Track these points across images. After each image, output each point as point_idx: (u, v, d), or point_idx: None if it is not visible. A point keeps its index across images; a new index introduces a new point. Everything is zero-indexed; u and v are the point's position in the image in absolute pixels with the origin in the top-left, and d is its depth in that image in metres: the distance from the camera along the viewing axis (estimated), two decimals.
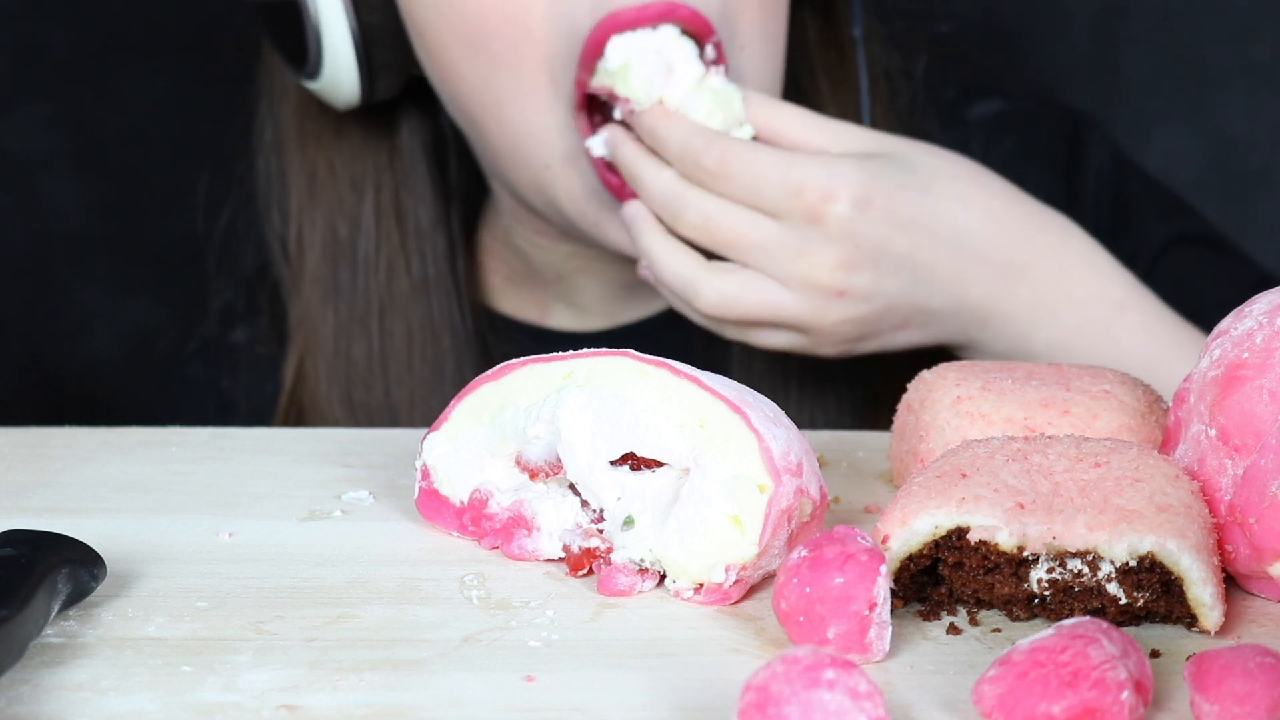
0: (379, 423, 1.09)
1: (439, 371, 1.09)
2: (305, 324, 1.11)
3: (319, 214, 1.10)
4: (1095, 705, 0.55)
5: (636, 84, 0.93)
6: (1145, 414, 0.75)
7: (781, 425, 0.68)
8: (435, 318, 1.10)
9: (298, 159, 1.10)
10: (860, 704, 0.54)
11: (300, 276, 1.11)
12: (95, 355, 1.50)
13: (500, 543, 0.71)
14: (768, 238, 0.91)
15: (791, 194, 0.90)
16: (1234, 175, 1.47)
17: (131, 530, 0.73)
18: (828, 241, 0.91)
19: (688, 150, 0.91)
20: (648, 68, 0.92)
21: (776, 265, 0.91)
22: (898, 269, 0.92)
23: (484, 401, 0.72)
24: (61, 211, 1.49)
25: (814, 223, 0.90)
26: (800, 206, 0.90)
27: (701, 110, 0.93)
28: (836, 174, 0.90)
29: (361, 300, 1.10)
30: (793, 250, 0.91)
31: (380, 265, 1.10)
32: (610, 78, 0.93)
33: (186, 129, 1.46)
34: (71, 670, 0.60)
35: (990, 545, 0.64)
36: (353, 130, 1.10)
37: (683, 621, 0.65)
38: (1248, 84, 1.45)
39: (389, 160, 1.10)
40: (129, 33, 1.47)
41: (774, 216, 0.91)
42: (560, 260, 1.10)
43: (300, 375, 1.11)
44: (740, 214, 0.91)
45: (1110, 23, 1.45)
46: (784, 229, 0.91)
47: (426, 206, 1.10)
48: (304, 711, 0.58)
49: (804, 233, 0.91)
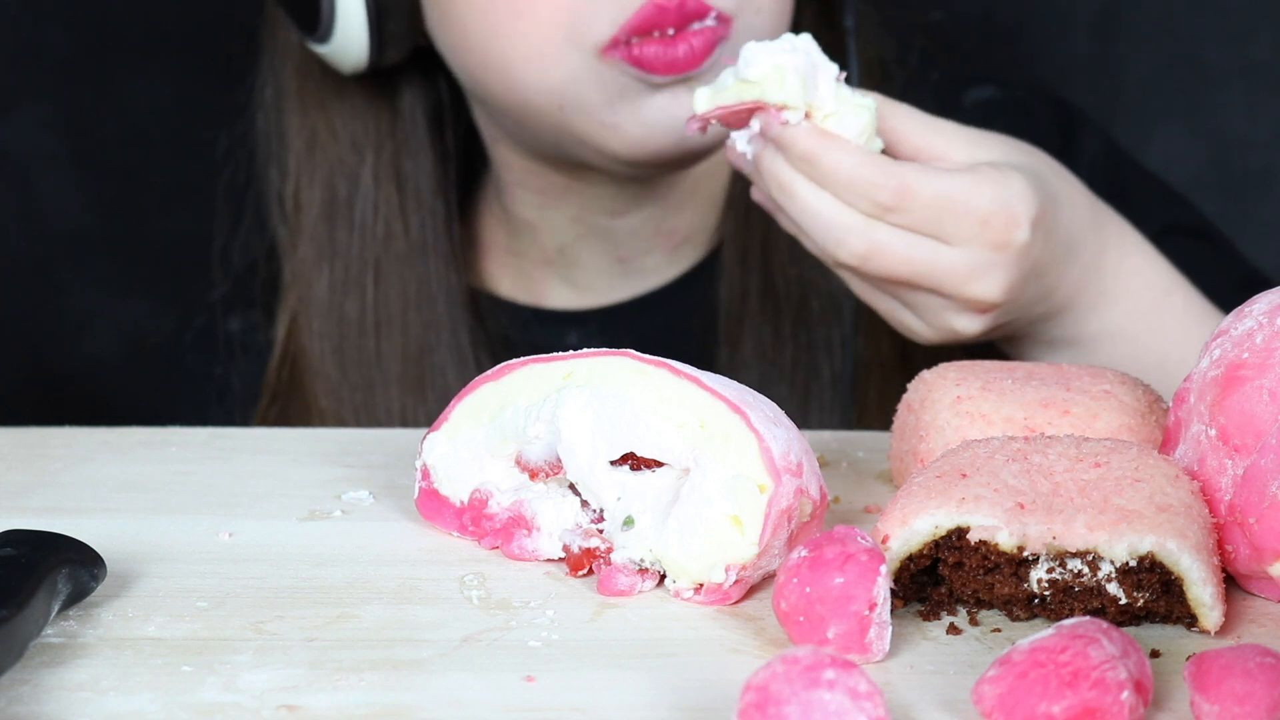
0: (369, 381, 1.09)
1: (432, 334, 1.10)
2: (299, 280, 1.11)
3: (318, 173, 1.10)
4: (1095, 705, 0.55)
5: (793, 89, 0.85)
6: (1145, 414, 0.75)
7: (781, 425, 0.68)
8: (431, 280, 1.10)
9: (298, 118, 1.11)
10: (860, 704, 0.54)
11: (297, 233, 1.11)
12: (95, 355, 1.50)
13: (500, 543, 0.71)
14: (940, 265, 0.87)
15: (979, 223, 0.86)
16: (1234, 175, 1.47)
17: (131, 530, 0.73)
18: (1003, 266, 0.88)
19: (857, 181, 0.85)
20: (802, 69, 0.86)
21: (945, 289, 0.88)
22: (1038, 282, 0.91)
23: (484, 401, 0.72)
24: (61, 211, 1.49)
25: (997, 249, 0.87)
26: (987, 235, 0.87)
27: (855, 126, 0.86)
28: (1015, 197, 0.87)
29: (357, 260, 1.10)
30: (965, 274, 0.88)
31: (378, 226, 1.10)
32: (754, 88, 0.86)
33: (186, 129, 1.46)
34: (71, 670, 0.60)
35: (990, 545, 0.64)
36: (355, 93, 1.10)
37: (683, 621, 0.65)
38: (1248, 84, 1.45)
39: (390, 125, 1.10)
40: (129, 33, 1.47)
41: (949, 243, 0.87)
42: (562, 227, 1.11)
43: (292, 331, 1.11)
44: (913, 242, 0.87)
45: (1110, 22, 1.45)
46: (959, 254, 0.87)
47: (426, 172, 1.11)
48: (304, 711, 0.58)
49: (982, 257, 0.87)
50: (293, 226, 1.11)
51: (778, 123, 0.86)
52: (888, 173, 0.86)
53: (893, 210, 0.86)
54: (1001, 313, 0.90)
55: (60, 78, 1.47)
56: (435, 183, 1.11)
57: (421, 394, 1.09)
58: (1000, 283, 0.88)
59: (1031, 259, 0.89)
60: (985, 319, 0.90)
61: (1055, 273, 0.92)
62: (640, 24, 0.95)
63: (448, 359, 1.10)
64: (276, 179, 1.12)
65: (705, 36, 0.95)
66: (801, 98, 0.85)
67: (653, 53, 0.95)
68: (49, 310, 1.51)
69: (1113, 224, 0.96)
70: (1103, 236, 0.94)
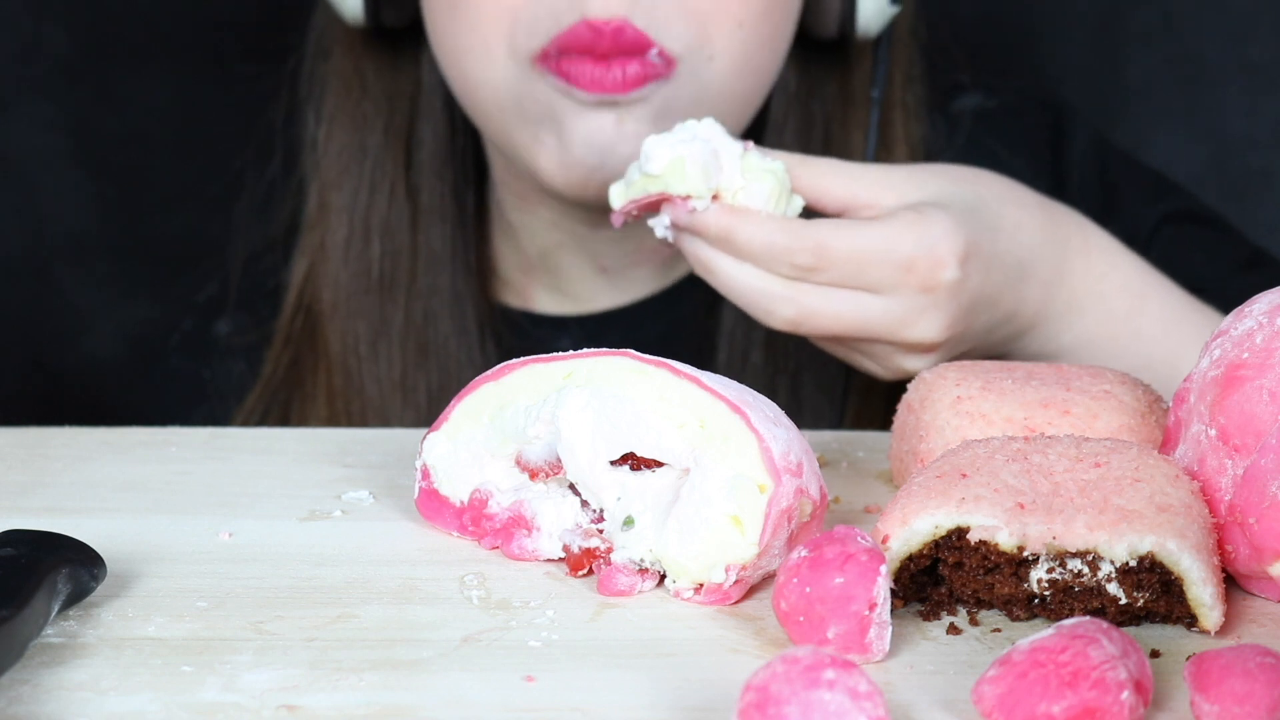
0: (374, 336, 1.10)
1: (437, 301, 1.10)
2: (320, 225, 1.12)
3: (340, 128, 1.11)
4: (1095, 705, 0.55)
5: (694, 179, 0.87)
6: (1145, 414, 0.75)
7: (781, 425, 0.68)
8: (436, 245, 1.10)
9: (332, 63, 1.12)
10: (860, 704, 0.54)
11: (321, 177, 1.12)
12: (95, 355, 1.50)
13: (500, 543, 0.71)
14: (872, 317, 0.88)
15: (902, 270, 0.86)
16: (1234, 175, 1.47)
17: (131, 530, 0.73)
18: (936, 307, 0.88)
19: (773, 249, 0.86)
20: (701, 158, 0.87)
21: (884, 337, 0.88)
22: (984, 311, 0.90)
23: (484, 401, 0.72)
24: (61, 211, 1.49)
25: (926, 291, 0.87)
26: (913, 280, 0.87)
27: (761, 195, 0.87)
28: (938, 237, 0.87)
29: (364, 215, 1.11)
30: (897, 321, 0.88)
31: (384, 184, 1.11)
32: (657, 181, 0.87)
33: (186, 129, 1.46)
34: (71, 670, 0.60)
35: (990, 545, 0.64)
36: (386, 52, 1.11)
37: (683, 621, 0.65)
38: (1248, 84, 1.45)
39: (414, 89, 1.11)
40: (129, 33, 1.47)
41: (877, 292, 0.87)
42: (542, 232, 1.11)
43: (309, 277, 1.12)
44: (842, 298, 0.87)
45: (1110, 22, 1.45)
46: (888, 303, 0.87)
47: (440, 136, 1.11)
48: (304, 711, 0.58)
49: (912, 302, 0.87)
50: (321, 172, 1.12)
51: (685, 211, 0.87)
52: (801, 236, 0.86)
53: (814, 270, 0.86)
54: (950, 346, 0.90)
55: (60, 78, 1.47)
56: (446, 152, 1.11)
57: (424, 360, 1.10)
58: (937, 323, 0.88)
59: (969, 293, 0.88)
60: (933, 356, 0.90)
61: (1010, 297, 0.91)
62: (571, 42, 0.94)
63: (450, 328, 1.10)
64: (312, 123, 1.13)
65: (643, 67, 0.95)
66: (704, 185, 0.87)
67: (580, 70, 0.95)
68: (49, 310, 1.51)
69: (1075, 233, 0.95)
70: (1063, 250, 0.94)
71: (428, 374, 1.09)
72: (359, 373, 1.10)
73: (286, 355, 1.13)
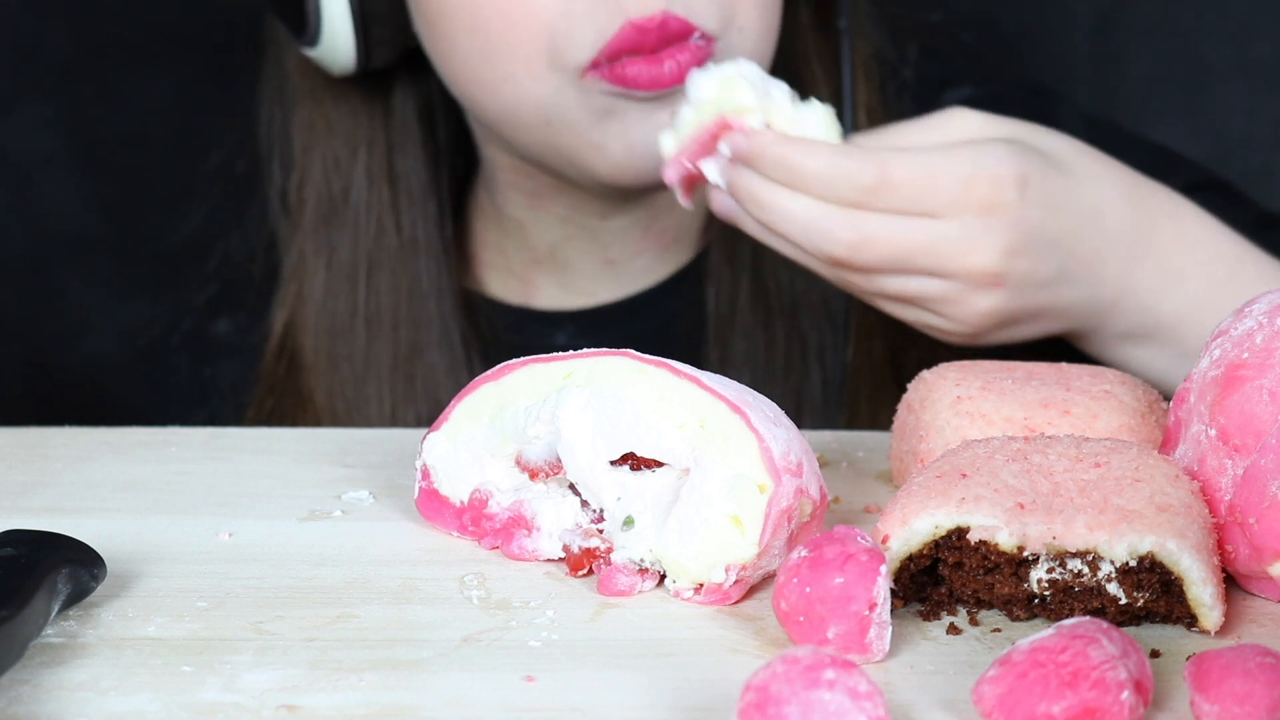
0: (360, 377, 1.10)
1: (424, 333, 1.10)
2: (296, 276, 1.11)
3: (314, 170, 1.11)
4: (1095, 705, 0.55)
5: (747, 96, 0.86)
6: (1145, 414, 0.75)
7: (781, 425, 0.68)
8: (423, 279, 1.10)
9: (297, 113, 1.11)
10: (860, 704, 0.54)
11: (295, 228, 1.12)
12: (95, 355, 1.50)
13: (500, 543, 0.71)
14: (932, 240, 0.86)
15: (962, 188, 0.86)
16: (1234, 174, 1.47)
17: (131, 530, 0.73)
18: (994, 230, 0.87)
19: (833, 171, 0.85)
20: (752, 75, 0.86)
21: (942, 265, 0.87)
22: (1049, 254, 0.89)
23: (484, 401, 0.72)
24: (61, 211, 1.49)
25: (986, 213, 0.86)
26: (974, 198, 0.86)
27: (814, 122, 0.87)
28: (998, 159, 0.86)
29: (350, 257, 1.10)
30: (958, 244, 0.87)
31: (370, 224, 1.10)
32: (709, 107, 0.87)
33: (186, 129, 1.46)
34: (71, 670, 0.61)
35: (990, 545, 0.64)
36: (350, 91, 1.10)
37: (683, 621, 0.65)
38: (1248, 83, 1.45)
39: (383, 123, 1.11)
40: (129, 33, 1.47)
41: (937, 216, 0.86)
42: (552, 227, 1.11)
43: (289, 325, 1.12)
44: (900, 223, 0.86)
45: (1111, 22, 1.45)
46: (948, 226, 0.87)
47: (418, 170, 1.11)
48: (304, 711, 0.58)
49: (972, 225, 0.87)
50: (292, 221, 1.11)
51: (742, 135, 0.86)
52: (863, 157, 0.86)
53: (874, 192, 0.86)
54: (1017, 285, 0.88)
55: (60, 78, 1.47)
56: (427, 181, 1.11)
57: (411, 393, 1.10)
58: (996, 247, 0.87)
59: (1030, 223, 0.87)
60: (1000, 293, 0.88)
61: (1086, 249, 0.90)
62: (620, 46, 0.94)
63: (438, 359, 1.10)
64: (278, 174, 1.12)
65: (691, 52, 0.95)
66: (756, 100, 0.86)
67: (635, 70, 0.94)
68: (49, 310, 1.51)
69: (1165, 201, 0.94)
70: (1151, 215, 0.92)
71: (416, 405, 1.09)
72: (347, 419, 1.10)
73: (269, 403, 1.13)
